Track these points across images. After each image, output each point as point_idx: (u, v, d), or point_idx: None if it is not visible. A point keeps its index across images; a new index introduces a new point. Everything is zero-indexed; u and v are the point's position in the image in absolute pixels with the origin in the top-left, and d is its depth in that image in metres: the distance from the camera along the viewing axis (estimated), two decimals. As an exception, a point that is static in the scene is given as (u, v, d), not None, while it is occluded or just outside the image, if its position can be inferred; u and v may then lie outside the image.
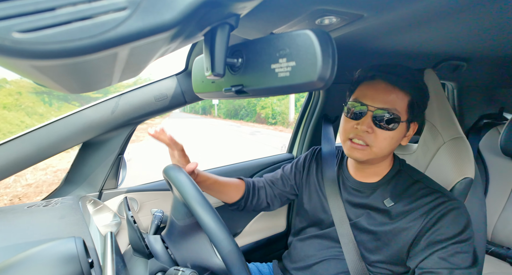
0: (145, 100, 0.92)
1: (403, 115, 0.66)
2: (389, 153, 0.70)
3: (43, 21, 0.19)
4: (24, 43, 0.18)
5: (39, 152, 0.81)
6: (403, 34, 0.67)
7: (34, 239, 0.55)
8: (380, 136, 0.66)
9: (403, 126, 0.67)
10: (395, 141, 0.68)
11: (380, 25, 0.58)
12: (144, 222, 1.04)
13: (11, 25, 0.18)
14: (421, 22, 0.57)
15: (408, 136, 0.72)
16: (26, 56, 0.19)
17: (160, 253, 0.65)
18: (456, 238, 0.62)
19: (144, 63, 0.33)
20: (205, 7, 0.26)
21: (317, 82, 0.32)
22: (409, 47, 0.78)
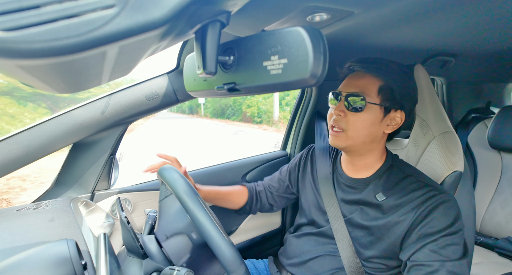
0: (136, 99, 0.91)
1: (371, 98, 0.68)
2: (366, 138, 0.70)
3: (28, 19, 0.18)
4: (8, 42, 0.18)
5: (28, 154, 0.79)
6: (392, 30, 0.67)
7: (25, 243, 0.54)
8: (351, 119, 0.69)
9: (375, 110, 0.68)
10: (368, 124, 0.69)
11: (370, 22, 0.58)
12: (138, 222, 1.03)
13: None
14: (410, 19, 0.58)
15: (394, 125, 0.72)
16: (10, 55, 0.18)
17: (154, 253, 0.65)
18: (447, 231, 0.63)
19: (134, 62, 0.33)
20: (195, 4, 0.26)
21: (309, 79, 0.32)
22: (399, 43, 0.80)
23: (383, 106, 0.69)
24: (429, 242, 0.63)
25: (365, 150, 0.74)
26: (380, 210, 0.71)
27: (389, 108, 0.70)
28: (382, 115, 0.70)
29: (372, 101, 0.68)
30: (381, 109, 0.69)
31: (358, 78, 0.70)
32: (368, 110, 0.68)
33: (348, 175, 0.80)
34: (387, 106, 0.69)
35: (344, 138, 0.71)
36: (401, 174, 0.74)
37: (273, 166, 1.39)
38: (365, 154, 0.75)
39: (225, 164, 1.28)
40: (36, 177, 4.54)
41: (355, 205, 0.76)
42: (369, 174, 0.76)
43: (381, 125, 0.71)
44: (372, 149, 0.74)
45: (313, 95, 1.34)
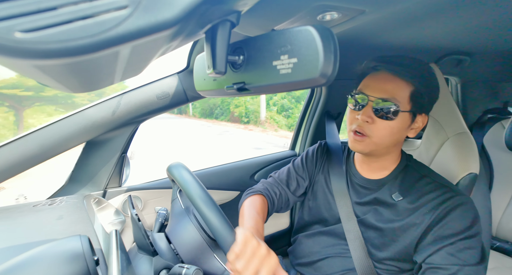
0: (147, 99, 0.92)
1: (403, 105, 0.64)
2: (391, 143, 0.68)
3: (45, 20, 0.19)
4: (26, 43, 0.18)
5: (42, 152, 0.81)
6: (405, 28, 0.66)
7: (40, 238, 0.56)
8: (380, 126, 0.65)
9: (405, 117, 0.66)
10: (396, 131, 0.66)
11: (382, 20, 0.57)
12: (148, 220, 1.05)
13: (13, 25, 0.18)
14: (423, 17, 0.57)
15: (416, 128, 0.70)
16: (28, 56, 0.19)
17: (164, 251, 0.66)
18: (465, 234, 0.61)
19: (146, 62, 0.33)
20: (205, 4, 0.26)
21: (319, 79, 0.32)
22: (412, 41, 0.78)
23: (412, 113, 0.66)
24: (446, 245, 0.61)
25: (385, 153, 0.72)
26: (395, 211, 0.69)
27: (417, 113, 0.67)
28: (410, 121, 0.67)
29: (404, 109, 0.64)
30: (410, 115, 0.66)
31: (386, 81, 0.66)
32: (399, 118, 0.65)
33: (362, 175, 0.78)
34: (416, 112, 0.67)
35: (367, 143, 0.68)
36: (417, 174, 0.72)
37: (281, 166, 1.38)
38: (384, 156, 0.73)
39: (234, 163, 1.29)
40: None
41: (369, 206, 0.74)
42: (385, 174, 0.74)
43: (407, 130, 0.69)
44: (391, 152, 0.73)
45: (323, 95, 1.33)
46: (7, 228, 0.61)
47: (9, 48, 0.18)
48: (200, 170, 1.22)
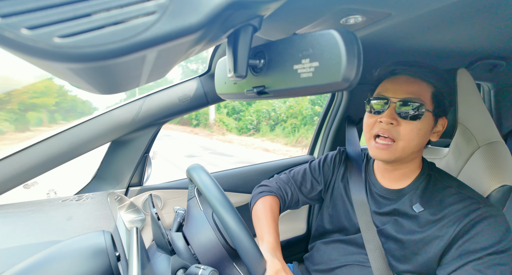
0: (169, 101, 0.95)
1: (428, 105, 0.63)
2: (417, 147, 0.65)
3: (80, 26, 0.20)
4: (63, 48, 0.20)
5: (72, 149, 0.86)
6: (433, 32, 0.63)
7: (68, 231, 0.59)
8: (407, 128, 0.63)
9: (429, 117, 0.64)
10: (423, 133, 0.64)
11: (409, 24, 0.55)
12: (167, 219, 1.07)
13: (53, 31, 0.19)
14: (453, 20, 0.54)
15: (438, 132, 0.68)
16: (64, 59, 0.20)
17: (182, 250, 0.67)
18: (493, 248, 0.57)
19: (170, 65, 0.35)
20: (229, 10, 0.26)
21: (341, 83, 0.31)
22: (440, 46, 0.74)
23: (435, 114, 0.65)
24: (473, 260, 0.58)
25: (408, 160, 0.69)
26: (417, 223, 0.66)
27: (438, 115, 0.66)
28: (433, 123, 0.66)
29: (429, 108, 0.64)
30: (433, 117, 0.65)
31: (408, 83, 0.65)
32: (424, 118, 0.63)
33: (382, 184, 0.75)
34: (438, 114, 0.66)
35: (394, 150, 0.64)
36: (440, 184, 0.68)
37: None
38: (407, 163, 0.70)
39: (251, 166, 1.29)
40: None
41: (389, 216, 0.72)
42: (406, 184, 0.71)
43: (430, 134, 0.67)
44: (414, 158, 0.70)
45: (344, 100, 1.30)
46: (39, 220, 0.65)
47: (48, 52, 0.20)
48: (218, 172, 1.23)
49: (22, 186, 0.83)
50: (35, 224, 0.62)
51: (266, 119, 8.75)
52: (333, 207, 0.85)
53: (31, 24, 0.19)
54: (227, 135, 9.82)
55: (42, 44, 0.19)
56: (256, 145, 8.05)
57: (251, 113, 9.30)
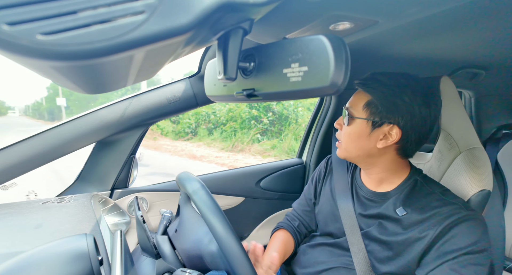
0: (158, 102, 0.94)
1: (358, 113, 0.70)
2: (358, 151, 0.72)
3: (65, 24, 0.19)
4: (47, 45, 0.19)
5: (54, 150, 0.83)
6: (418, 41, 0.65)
7: (48, 235, 0.57)
8: (342, 132, 0.75)
9: (361, 124, 0.70)
10: (354, 137, 0.71)
11: (395, 32, 0.57)
12: (153, 222, 1.05)
13: (36, 27, 0.19)
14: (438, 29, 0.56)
15: (386, 140, 0.68)
16: (47, 57, 0.20)
17: (167, 254, 0.66)
18: (469, 248, 0.59)
19: (159, 66, 0.34)
20: (219, 12, 0.26)
21: (329, 88, 0.32)
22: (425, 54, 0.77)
23: (370, 121, 0.68)
24: (449, 260, 0.60)
25: (366, 163, 0.75)
26: (400, 225, 0.68)
27: (377, 123, 0.68)
28: (369, 129, 0.69)
29: (357, 116, 0.70)
30: (368, 123, 0.69)
31: (355, 94, 0.74)
32: (353, 123, 0.71)
33: (368, 187, 0.78)
34: (375, 120, 0.68)
35: (341, 149, 0.76)
36: (425, 190, 0.71)
37: (288, 173, 1.38)
38: (371, 167, 0.75)
39: (240, 169, 1.29)
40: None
41: (374, 219, 0.74)
42: (391, 188, 0.74)
43: (369, 139, 0.69)
44: (374, 163, 0.73)
45: (332, 104, 1.33)
46: (18, 223, 0.62)
47: (31, 49, 0.19)
48: (206, 174, 1.22)
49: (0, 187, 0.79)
50: (13, 227, 0.60)
51: (205, 123, 8.08)
52: (319, 211, 0.88)
53: (12, 20, 0.18)
54: (160, 140, 8.67)
55: (24, 41, 0.18)
56: (185, 151, 7.21)
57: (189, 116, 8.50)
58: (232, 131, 7.53)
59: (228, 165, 6.13)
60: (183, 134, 8.57)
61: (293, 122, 7.22)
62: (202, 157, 6.71)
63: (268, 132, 7.23)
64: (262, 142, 7.03)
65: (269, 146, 6.87)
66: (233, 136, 7.41)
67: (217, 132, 7.79)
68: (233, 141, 7.23)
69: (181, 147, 7.65)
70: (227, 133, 7.57)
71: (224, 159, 6.60)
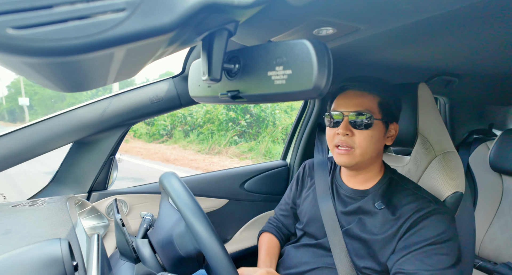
0: (140, 102, 0.92)
1: (376, 114, 0.71)
2: (373, 153, 0.73)
3: (39, 18, 0.18)
4: (18, 40, 0.18)
5: (28, 150, 0.79)
6: (397, 48, 0.68)
7: (18, 240, 0.53)
8: (360, 137, 0.71)
9: (379, 125, 0.72)
10: (376, 140, 0.71)
11: (376, 38, 0.59)
12: (133, 225, 1.02)
13: (6, 21, 0.18)
14: (415, 37, 0.59)
15: (391, 137, 0.76)
16: (19, 53, 0.19)
17: (147, 258, 0.64)
18: (434, 239, 0.63)
19: (140, 65, 0.33)
20: (204, 12, 0.26)
21: (312, 91, 0.32)
22: (403, 60, 0.80)
23: (384, 121, 0.73)
24: (414, 250, 0.64)
25: (369, 164, 0.76)
26: (379, 221, 0.72)
27: (389, 121, 0.74)
28: (384, 129, 0.74)
29: (377, 117, 0.71)
30: (383, 124, 0.73)
31: (357, 97, 0.73)
32: (375, 126, 0.71)
33: (349, 186, 0.81)
34: (387, 120, 0.73)
35: (353, 156, 0.72)
36: (399, 186, 0.76)
37: (272, 175, 1.38)
38: (368, 167, 0.77)
39: (224, 171, 1.28)
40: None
41: (354, 215, 0.77)
42: (370, 186, 0.78)
43: (384, 139, 0.75)
44: (374, 162, 0.77)
45: (316, 108, 1.35)
46: None
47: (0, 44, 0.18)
48: (190, 176, 1.20)
49: (-36, 189, 0.74)
50: None
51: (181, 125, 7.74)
52: (302, 212, 0.90)
53: None
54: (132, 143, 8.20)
55: None
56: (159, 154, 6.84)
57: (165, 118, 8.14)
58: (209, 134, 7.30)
59: (203, 168, 5.89)
60: (158, 137, 8.17)
61: (270, 124, 7.13)
62: (176, 160, 6.40)
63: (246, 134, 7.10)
64: (240, 144, 6.90)
65: (246, 148, 6.75)
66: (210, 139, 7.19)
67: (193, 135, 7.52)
68: (210, 143, 7.02)
69: (154, 150, 7.25)
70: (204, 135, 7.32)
71: (200, 162, 6.35)
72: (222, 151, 6.85)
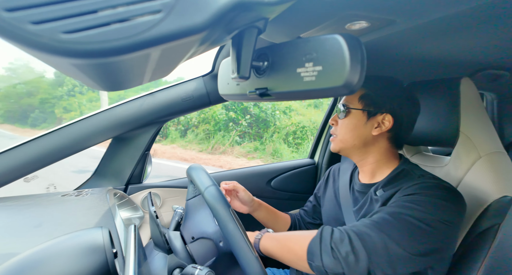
0: (172, 100, 0.96)
1: (353, 105, 0.76)
2: (355, 140, 0.76)
3: (86, 22, 0.20)
4: (68, 43, 0.20)
5: (73, 145, 0.86)
6: (437, 41, 0.63)
7: (65, 226, 0.59)
8: (340, 125, 0.78)
9: (357, 114, 0.75)
10: (352, 127, 0.75)
11: (413, 31, 0.55)
12: (166, 217, 1.07)
13: (59, 26, 0.19)
14: (457, 29, 0.54)
15: (381, 127, 0.74)
16: (69, 55, 0.20)
17: (179, 250, 0.67)
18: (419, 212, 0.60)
19: (174, 64, 0.35)
20: (235, 11, 0.27)
21: (343, 88, 0.31)
22: (444, 54, 0.74)
23: (366, 111, 0.75)
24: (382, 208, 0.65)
25: (361, 153, 0.78)
26: (376, 204, 0.71)
27: (373, 112, 0.74)
28: (365, 118, 0.75)
29: (352, 107, 0.76)
30: (363, 114, 0.75)
31: None
32: (350, 115, 0.76)
33: (362, 181, 0.81)
34: (369, 110, 0.74)
35: (335, 142, 0.79)
36: (409, 175, 0.73)
37: (299, 173, 1.37)
38: (365, 157, 0.78)
39: (250, 168, 1.29)
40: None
41: (361, 210, 0.76)
42: (381, 178, 0.76)
43: (366, 127, 0.75)
44: (369, 152, 0.77)
45: None
46: (37, 214, 0.65)
47: (54, 47, 0.20)
48: (218, 172, 1.23)
49: (22, 179, 0.83)
50: (33, 219, 0.62)
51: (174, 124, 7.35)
52: (325, 212, 0.91)
53: (37, 19, 0.19)
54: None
55: (47, 39, 0.19)
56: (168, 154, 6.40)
57: None
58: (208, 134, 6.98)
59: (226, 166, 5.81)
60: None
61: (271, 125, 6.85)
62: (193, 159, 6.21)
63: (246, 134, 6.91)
64: (244, 144, 6.70)
65: (251, 148, 6.58)
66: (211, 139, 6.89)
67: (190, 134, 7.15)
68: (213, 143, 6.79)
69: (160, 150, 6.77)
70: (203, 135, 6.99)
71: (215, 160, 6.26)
72: (227, 150, 6.70)
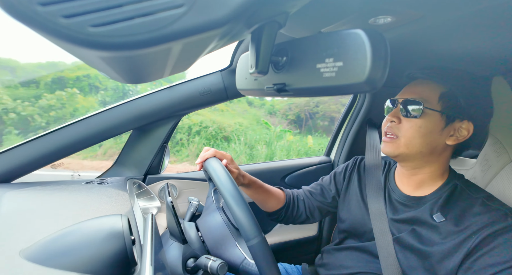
0: (191, 94, 0.97)
1: (432, 104, 0.64)
2: (423, 147, 0.65)
3: (112, 16, 0.21)
4: (96, 36, 0.21)
5: (97, 134, 0.90)
6: (467, 36, 0.60)
7: (88, 212, 0.62)
8: (407, 125, 0.65)
9: (434, 117, 0.64)
10: (425, 132, 0.64)
11: (441, 26, 0.52)
12: (181, 208, 1.10)
13: (87, 20, 0.20)
14: (490, 24, 0.51)
15: (458, 136, 0.65)
16: (96, 47, 0.21)
17: (193, 240, 0.69)
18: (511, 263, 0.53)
19: (194, 58, 0.35)
20: (256, 5, 0.26)
21: (364, 85, 0.31)
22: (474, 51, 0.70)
23: (444, 114, 0.63)
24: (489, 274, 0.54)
25: (422, 162, 0.67)
26: (438, 233, 0.63)
27: (452, 117, 0.63)
28: (443, 124, 0.64)
29: (431, 107, 0.64)
30: (442, 117, 0.64)
31: (417, 84, 0.68)
32: (426, 117, 0.64)
33: (402, 191, 0.73)
34: (450, 114, 0.63)
35: (396, 145, 0.67)
36: (466, 195, 0.64)
37: (314, 171, 1.35)
38: (422, 166, 0.68)
39: (265, 163, 1.29)
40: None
41: (407, 224, 0.69)
42: (428, 192, 0.68)
43: (441, 135, 0.64)
44: (430, 162, 0.67)
45: (366, 102, 1.27)
46: (63, 199, 0.69)
47: (82, 40, 0.21)
48: None
49: (50, 166, 0.88)
50: (59, 203, 0.66)
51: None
52: (347, 212, 0.84)
53: (68, 13, 0.20)
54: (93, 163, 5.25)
55: (77, 32, 0.20)
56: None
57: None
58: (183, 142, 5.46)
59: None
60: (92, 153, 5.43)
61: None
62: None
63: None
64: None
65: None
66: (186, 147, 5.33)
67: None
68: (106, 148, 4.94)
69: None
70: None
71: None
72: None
